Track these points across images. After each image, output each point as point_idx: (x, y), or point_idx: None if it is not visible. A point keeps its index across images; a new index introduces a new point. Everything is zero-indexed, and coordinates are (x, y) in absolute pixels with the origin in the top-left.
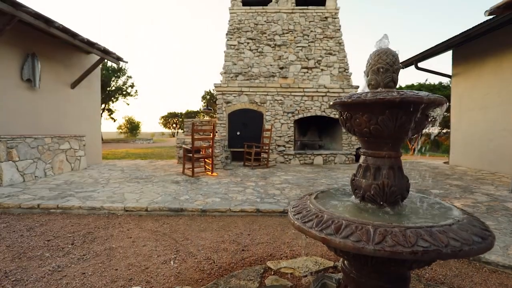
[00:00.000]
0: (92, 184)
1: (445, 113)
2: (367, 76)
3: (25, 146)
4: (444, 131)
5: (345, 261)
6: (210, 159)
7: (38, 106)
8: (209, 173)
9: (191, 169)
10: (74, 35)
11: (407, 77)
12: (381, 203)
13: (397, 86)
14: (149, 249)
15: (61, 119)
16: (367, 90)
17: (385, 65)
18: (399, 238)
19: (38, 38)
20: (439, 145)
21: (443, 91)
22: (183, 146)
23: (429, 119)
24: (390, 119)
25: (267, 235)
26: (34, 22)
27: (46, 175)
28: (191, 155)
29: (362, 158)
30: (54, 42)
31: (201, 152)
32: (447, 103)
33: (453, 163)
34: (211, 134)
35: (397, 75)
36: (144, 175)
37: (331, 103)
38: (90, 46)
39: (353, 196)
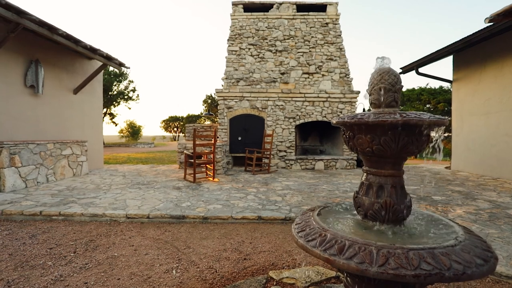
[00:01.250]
0: (94, 190)
1: (446, 117)
2: (370, 95)
3: (27, 152)
4: (445, 134)
5: (348, 278)
6: (212, 165)
7: (41, 112)
8: (211, 178)
9: (192, 175)
10: (77, 41)
11: (408, 81)
12: (384, 221)
13: None
14: (151, 258)
15: (64, 125)
16: (368, 98)
17: (387, 85)
18: (402, 261)
19: (42, 44)
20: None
21: (444, 95)
22: (185, 151)
23: (431, 138)
24: (392, 140)
25: (268, 243)
26: (38, 29)
27: (48, 181)
28: (192, 160)
29: (364, 175)
30: (57, 49)
31: (202, 158)
32: (448, 122)
33: (455, 168)
34: (213, 140)
35: (399, 95)
36: (145, 181)
37: (334, 121)
38: (92, 52)
39: (356, 212)
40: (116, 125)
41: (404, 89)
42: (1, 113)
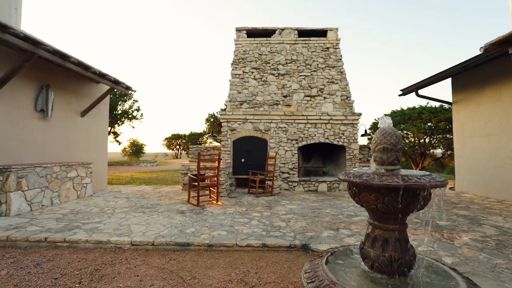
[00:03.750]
0: (98, 214)
1: (448, 136)
2: (373, 153)
3: (34, 175)
4: (448, 152)
5: None
6: (215, 188)
7: (48, 135)
8: (214, 202)
9: (196, 198)
10: (87, 68)
11: (409, 99)
12: (390, 274)
13: (399, 109)
14: None
15: (70, 147)
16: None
17: (389, 145)
18: None
19: (53, 70)
20: (444, 166)
21: (445, 114)
22: (188, 173)
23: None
24: (395, 200)
25: (274, 273)
26: (51, 58)
27: (53, 204)
28: (196, 183)
29: (370, 228)
30: (68, 73)
31: (206, 181)
32: (447, 184)
33: (459, 189)
34: (217, 163)
35: (401, 154)
36: (149, 204)
37: (340, 177)
38: (101, 77)
39: (362, 261)
40: (119, 143)
41: (404, 107)
42: (11, 137)
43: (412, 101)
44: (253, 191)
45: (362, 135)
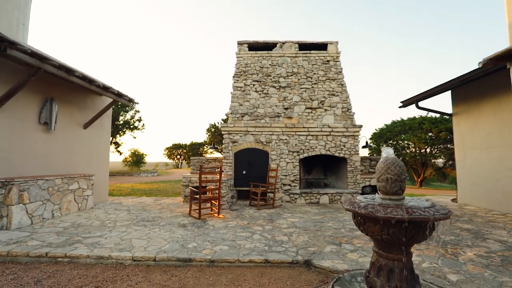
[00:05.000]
0: (99, 227)
1: (449, 145)
2: (378, 182)
3: (36, 188)
4: (450, 162)
5: None
6: (217, 201)
7: (51, 147)
8: (216, 215)
9: (197, 211)
10: (91, 81)
11: (410, 109)
12: None
13: (399, 119)
14: None
15: (72, 159)
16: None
17: (393, 176)
18: None
19: (58, 83)
20: (446, 175)
21: (445, 124)
22: (190, 185)
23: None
24: (400, 232)
25: None
26: (57, 72)
27: (54, 216)
28: (197, 196)
29: (375, 256)
30: (72, 86)
31: (208, 193)
32: (451, 216)
33: (462, 201)
34: (218, 175)
35: (404, 184)
36: (150, 216)
37: (346, 206)
38: (105, 90)
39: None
40: (120, 154)
41: (405, 118)
42: (15, 149)
43: (412, 111)
44: (255, 203)
45: (363, 147)
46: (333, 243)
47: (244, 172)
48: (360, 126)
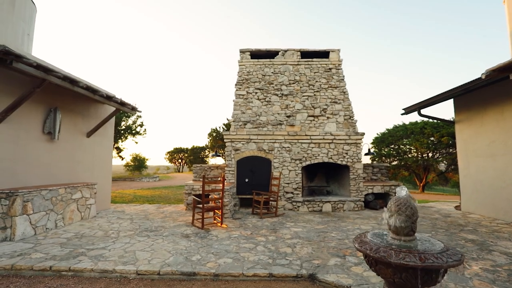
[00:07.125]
0: (103, 238)
1: (451, 150)
2: (389, 218)
3: (39, 198)
4: (452, 167)
5: None
6: (220, 210)
7: (55, 157)
8: (219, 224)
9: (200, 220)
10: (95, 91)
11: (411, 114)
12: None
13: (401, 124)
14: None
15: (75, 168)
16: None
17: (405, 217)
18: None
19: (62, 93)
20: (448, 180)
21: (447, 129)
22: (192, 194)
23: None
24: (413, 277)
25: None
26: (61, 83)
27: (57, 226)
28: (200, 205)
29: None
30: (76, 96)
31: (210, 203)
32: (464, 261)
33: (465, 209)
34: (221, 185)
35: (416, 224)
36: (153, 226)
37: (356, 246)
38: (108, 100)
39: None
40: (122, 159)
41: (407, 122)
42: (18, 159)
43: (414, 115)
44: (257, 211)
45: (366, 154)
46: (337, 255)
47: (246, 180)
48: (363, 134)
